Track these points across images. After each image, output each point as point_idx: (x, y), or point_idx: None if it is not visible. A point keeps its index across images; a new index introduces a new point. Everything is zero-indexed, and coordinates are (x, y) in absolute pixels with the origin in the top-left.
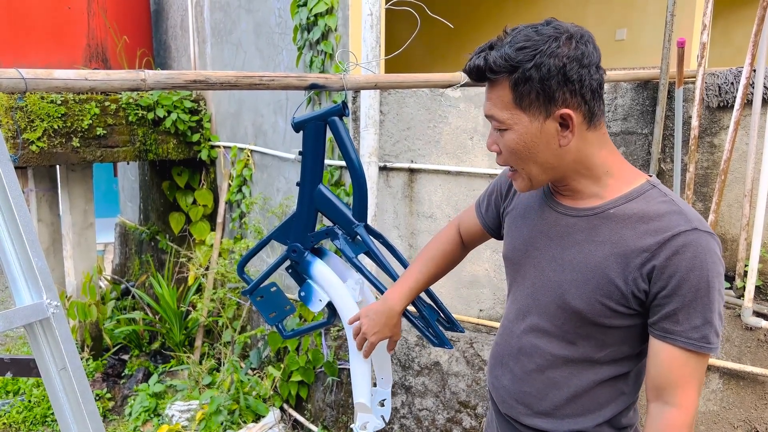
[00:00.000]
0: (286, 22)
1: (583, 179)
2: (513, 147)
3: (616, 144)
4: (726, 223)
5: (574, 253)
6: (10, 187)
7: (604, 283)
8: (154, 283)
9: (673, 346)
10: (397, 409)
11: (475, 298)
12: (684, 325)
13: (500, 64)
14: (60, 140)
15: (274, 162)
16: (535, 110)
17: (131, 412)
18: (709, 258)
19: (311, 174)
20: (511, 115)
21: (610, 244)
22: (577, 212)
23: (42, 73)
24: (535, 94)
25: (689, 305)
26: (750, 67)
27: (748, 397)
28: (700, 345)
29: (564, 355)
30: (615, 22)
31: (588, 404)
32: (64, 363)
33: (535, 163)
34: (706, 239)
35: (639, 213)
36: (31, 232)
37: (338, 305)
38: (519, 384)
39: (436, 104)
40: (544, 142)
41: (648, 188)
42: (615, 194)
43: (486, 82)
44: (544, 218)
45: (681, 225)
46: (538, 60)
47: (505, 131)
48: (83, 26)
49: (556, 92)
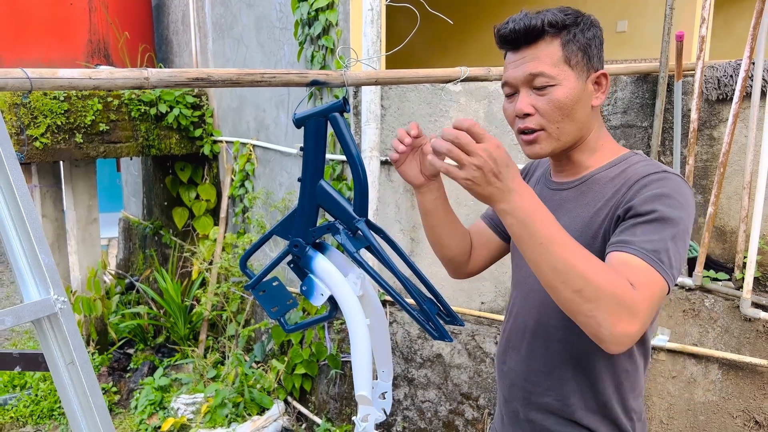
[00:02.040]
0: (287, 17)
1: (582, 151)
2: (562, 101)
3: (617, 137)
4: (725, 215)
5: (565, 220)
6: (17, 185)
7: (591, 241)
8: (158, 277)
9: (625, 252)
10: (400, 401)
11: (477, 291)
12: (640, 237)
13: (556, 22)
14: (63, 136)
15: (276, 156)
16: (580, 69)
17: (137, 406)
18: (678, 190)
19: (313, 169)
20: (561, 71)
21: (593, 203)
22: (569, 185)
23: (47, 72)
24: (581, 54)
25: (649, 224)
26: (749, 59)
27: (747, 387)
28: (652, 258)
29: (564, 327)
30: (616, 13)
31: (593, 380)
32: (72, 357)
33: (573, 120)
34: (675, 179)
35: (619, 173)
36: (38, 228)
37: (339, 299)
38: (527, 362)
39: (437, 99)
40: (585, 100)
41: (630, 155)
42: (600, 163)
43: (528, 43)
44: (542, 198)
45: (654, 169)
46: (584, 25)
47: (552, 87)
48: (85, 22)
49: (594, 56)
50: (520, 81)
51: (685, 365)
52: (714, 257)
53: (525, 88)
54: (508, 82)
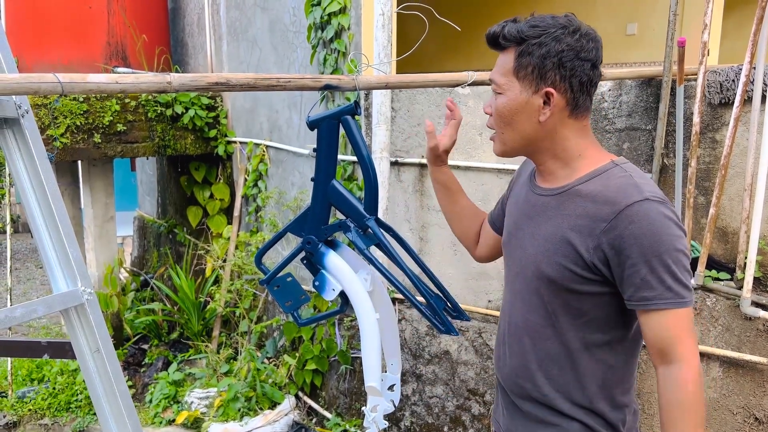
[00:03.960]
0: (300, 20)
1: (557, 161)
2: (501, 110)
3: (621, 139)
4: (727, 216)
5: (546, 227)
6: (48, 184)
7: (568, 251)
8: (172, 274)
9: (655, 311)
10: (408, 396)
11: (484, 290)
12: (658, 288)
13: (512, 35)
14: (82, 136)
15: (288, 157)
16: (527, 82)
17: (152, 399)
18: (664, 222)
19: (325, 170)
20: (507, 81)
21: (574, 216)
22: (551, 191)
23: (77, 77)
24: (531, 68)
25: (656, 269)
26: (749, 65)
27: (747, 384)
28: (676, 302)
29: (549, 325)
30: (626, 16)
31: (579, 376)
32: (98, 345)
33: (514, 130)
34: (656, 206)
35: (600, 188)
36: (67, 224)
37: (350, 294)
38: (519, 359)
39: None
40: (527, 113)
41: (610, 167)
42: (579, 174)
43: (499, 49)
44: (527, 201)
45: (634, 196)
46: (543, 39)
47: (499, 95)
48: (104, 25)
49: (549, 72)
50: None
51: None
52: (716, 257)
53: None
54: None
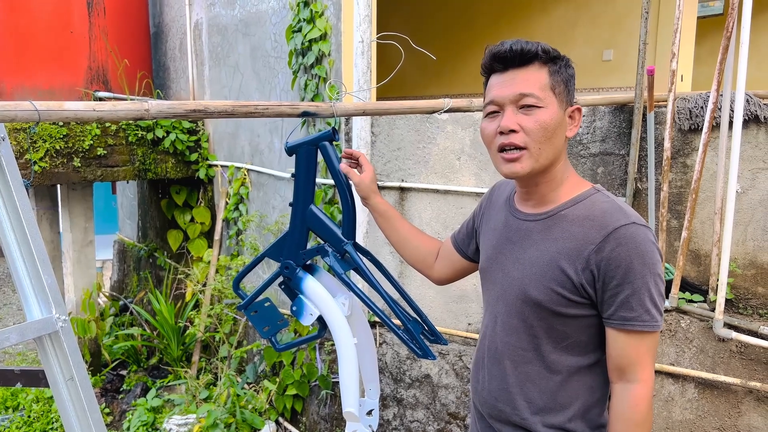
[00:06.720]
0: (282, 46)
1: (550, 183)
2: (547, 123)
3: (595, 164)
4: (699, 239)
5: (532, 252)
6: (24, 211)
7: (557, 274)
8: (152, 299)
9: (631, 331)
10: (389, 420)
11: (464, 312)
12: (638, 310)
13: (548, 51)
14: (62, 160)
15: (269, 180)
16: (561, 99)
17: (129, 427)
18: (648, 247)
19: (303, 195)
20: (548, 96)
21: (562, 240)
22: (535, 217)
23: (54, 105)
24: (563, 86)
25: (638, 291)
26: (716, 92)
27: (722, 405)
28: (652, 325)
29: (532, 348)
30: (603, 42)
31: (559, 398)
32: (72, 373)
33: (552, 145)
34: (643, 231)
35: (586, 213)
36: (42, 251)
37: (328, 319)
38: (498, 382)
39: (425, 126)
40: (562, 128)
41: (593, 193)
42: (565, 199)
43: (520, 65)
44: (507, 226)
45: (621, 220)
46: (566, 62)
47: (538, 108)
48: (85, 49)
49: (571, 91)
50: (509, 99)
51: (663, 384)
52: (690, 279)
53: (511, 106)
54: (495, 100)
